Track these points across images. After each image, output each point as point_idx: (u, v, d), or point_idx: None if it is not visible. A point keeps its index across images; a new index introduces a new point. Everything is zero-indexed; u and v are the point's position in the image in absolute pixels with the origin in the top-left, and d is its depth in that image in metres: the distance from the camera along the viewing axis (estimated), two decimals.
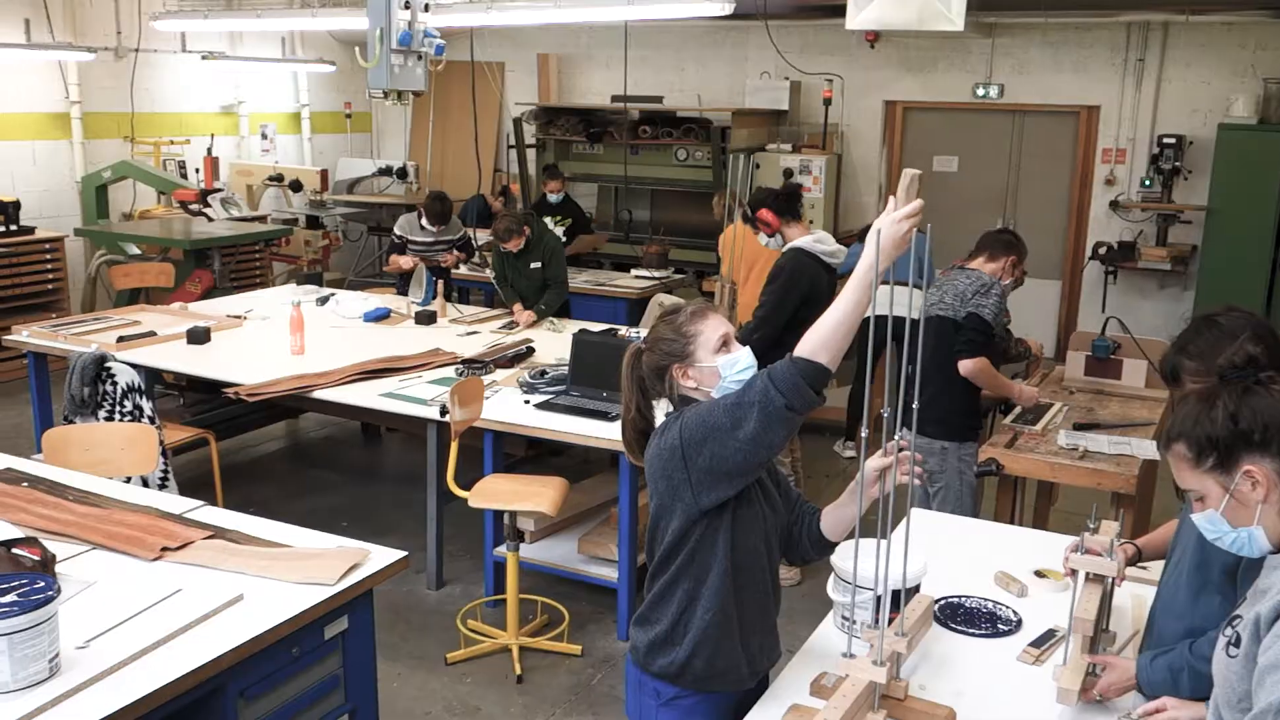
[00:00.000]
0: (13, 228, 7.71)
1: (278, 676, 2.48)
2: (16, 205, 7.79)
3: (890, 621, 2.21)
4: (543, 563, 4.46)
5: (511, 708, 3.84)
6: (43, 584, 2.17)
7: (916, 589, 2.45)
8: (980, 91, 8.92)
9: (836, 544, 2.42)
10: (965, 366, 4.01)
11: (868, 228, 6.54)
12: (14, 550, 2.54)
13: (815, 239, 4.75)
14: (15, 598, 2.10)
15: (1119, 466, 3.74)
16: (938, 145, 9.40)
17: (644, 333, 4.62)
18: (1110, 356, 4.73)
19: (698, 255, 8.69)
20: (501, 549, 4.21)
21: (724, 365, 2.27)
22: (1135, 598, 2.67)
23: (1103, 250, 8.40)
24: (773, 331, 4.51)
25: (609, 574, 4.32)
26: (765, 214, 4.77)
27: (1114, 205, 8.66)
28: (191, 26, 8.46)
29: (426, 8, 4.51)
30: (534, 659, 4.11)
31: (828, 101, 9.02)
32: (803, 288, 4.62)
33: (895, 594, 2.27)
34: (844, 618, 2.47)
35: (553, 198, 8.06)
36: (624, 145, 8.93)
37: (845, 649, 2.15)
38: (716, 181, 8.73)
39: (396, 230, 6.98)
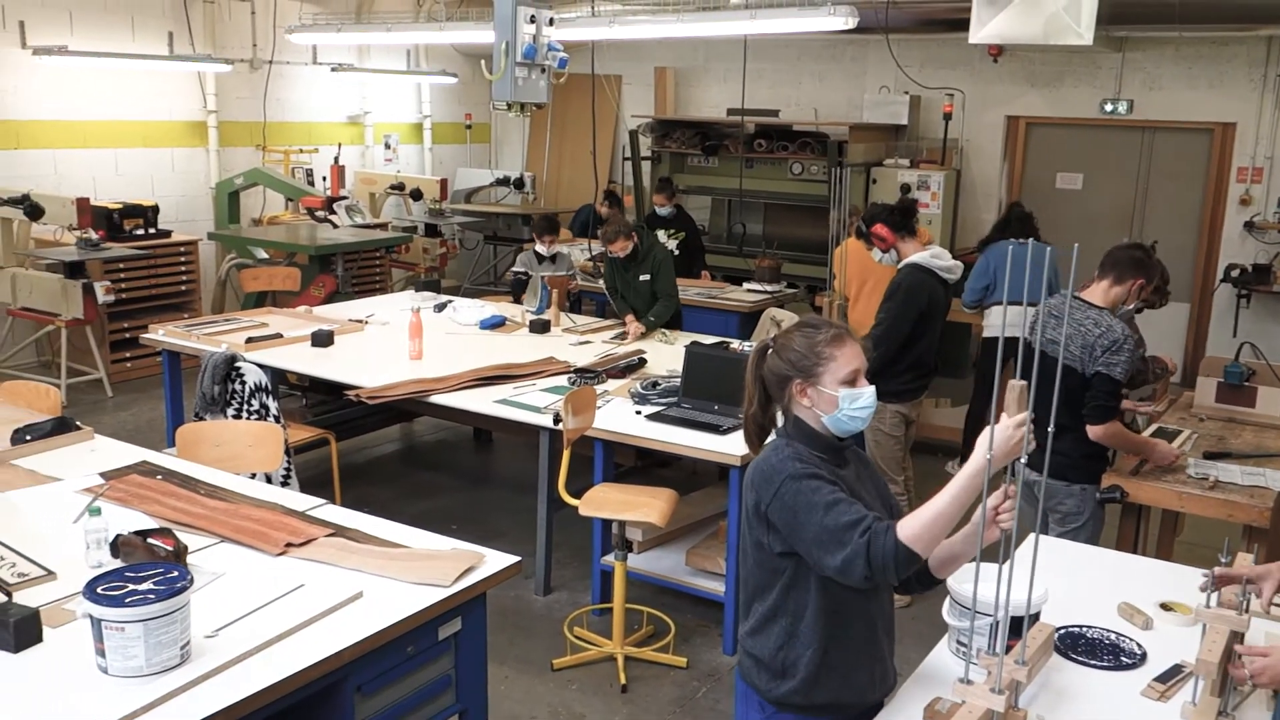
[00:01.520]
0: (151, 231, 8.07)
1: (393, 674, 2.54)
2: (155, 209, 8.15)
3: (1008, 649, 2.16)
4: (650, 573, 4.47)
5: (615, 717, 3.86)
6: (176, 574, 2.26)
7: (1037, 616, 2.38)
8: (1108, 107, 8.66)
9: (940, 581, 2.36)
10: (1094, 432, 3.69)
11: (984, 244, 6.41)
12: (149, 540, 2.66)
13: (932, 254, 4.68)
14: (152, 586, 2.19)
15: (1252, 498, 3.58)
16: (1062, 162, 9.16)
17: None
18: (1244, 384, 4.53)
19: (810, 270, 8.62)
20: (609, 558, 4.24)
21: (845, 398, 2.26)
22: (1270, 635, 2.55)
23: (1235, 272, 8.08)
24: (891, 348, 4.45)
25: (716, 587, 4.31)
26: (880, 229, 4.72)
27: (1249, 226, 8.31)
28: (324, 39, 8.76)
29: (551, 22, 4.58)
30: (639, 669, 4.13)
31: (948, 116, 8.87)
32: (920, 303, 4.55)
33: (1014, 621, 2.21)
34: (959, 643, 2.42)
35: (661, 211, 8.09)
36: (739, 159, 8.93)
37: (962, 675, 2.10)
38: (831, 196, 8.65)
39: (517, 267, 7.13)
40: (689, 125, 9.65)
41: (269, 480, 4.11)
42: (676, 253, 7.69)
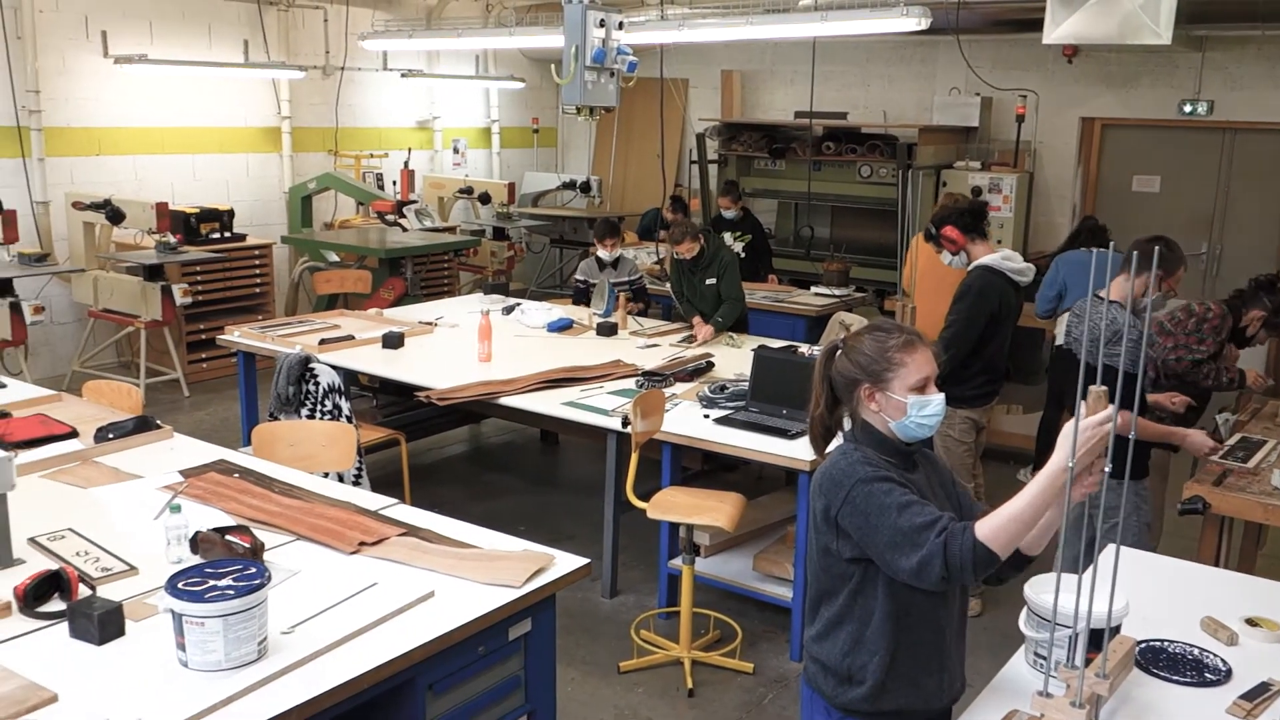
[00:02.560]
0: (227, 235, 8.24)
1: (464, 673, 2.56)
2: (231, 214, 8.33)
3: (1088, 662, 2.11)
4: (717, 578, 4.45)
5: None
6: (254, 570, 2.30)
7: (1117, 629, 2.33)
8: (1187, 108, 8.46)
9: (1031, 559, 2.28)
10: None
11: (1061, 249, 6.30)
12: (228, 537, 2.71)
13: (1003, 256, 4.60)
14: (231, 582, 2.23)
15: None
16: (1138, 164, 8.96)
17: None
18: None
19: (879, 274, 8.54)
20: (677, 561, 4.23)
21: (914, 405, 2.23)
22: None
23: None
24: (962, 351, 4.39)
25: (783, 593, 4.28)
26: (950, 231, 4.65)
27: None
28: (395, 45, 8.88)
29: (621, 25, 4.59)
30: (705, 673, 4.11)
31: (1020, 118, 8.73)
32: (990, 306, 4.48)
33: (1094, 633, 2.16)
34: (1037, 654, 2.37)
35: (727, 215, 8.06)
36: (806, 161, 8.88)
37: (1040, 688, 2.06)
38: (901, 199, 8.57)
39: (578, 275, 7.14)
40: (756, 128, 9.62)
41: (341, 479, 4.17)
42: (743, 256, 7.66)
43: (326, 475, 3.96)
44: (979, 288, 4.48)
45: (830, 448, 2.40)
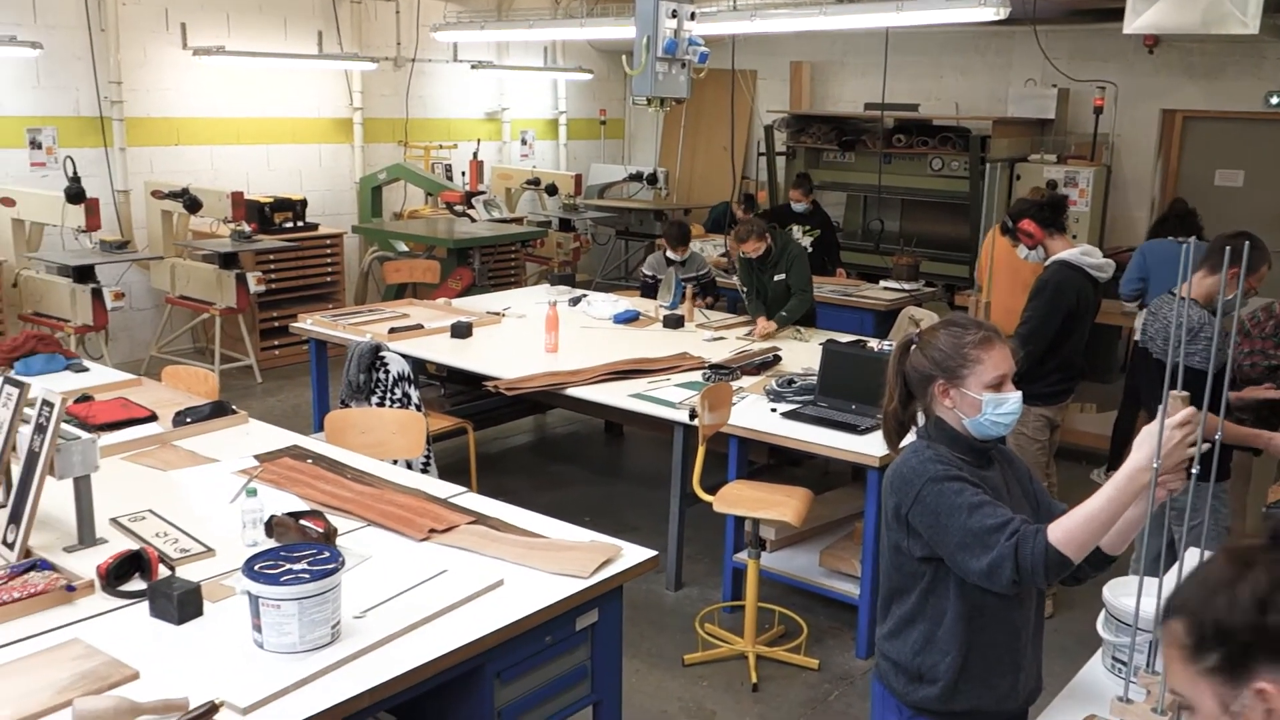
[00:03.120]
0: (299, 224, 8.37)
1: (531, 662, 2.57)
2: (303, 203, 8.45)
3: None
4: (782, 573, 4.43)
5: (746, 716, 3.83)
6: (329, 555, 2.32)
7: None
8: (1274, 100, 8.21)
9: (1112, 558, 2.21)
10: None
11: (1149, 235, 6.14)
12: (302, 522, 2.75)
13: (1081, 251, 4.50)
14: (306, 566, 2.26)
15: None
16: (1221, 158, 8.72)
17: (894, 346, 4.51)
18: None
19: (949, 268, 8.42)
20: (742, 555, 4.21)
21: (989, 402, 2.18)
22: None
23: None
24: (1038, 348, 4.30)
25: (850, 589, 4.24)
26: (1028, 225, 4.55)
27: None
28: (467, 37, 8.95)
29: (693, 16, 4.57)
30: (770, 668, 4.09)
31: (1098, 110, 8.54)
32: (1069, 302, 4.38)
33: None
34: (1115, 659, 2.32)
35: (797, 207, 8.00)
36: (877, 154, 8.77)
37: (1120, 693, 2.01)
38: (973, 192, 8.44)
39: (645, 270, 7.13)
40: (825, 120, 9.53)
41: (409, 467, 4.21)
42: (811, 249, 7.59)
43: (396, 462, 4.00)
44: (1056, 283, 4.38)
45: (904, 443, 2.37)
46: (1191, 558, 2.43)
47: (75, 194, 6.53)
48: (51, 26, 7.40)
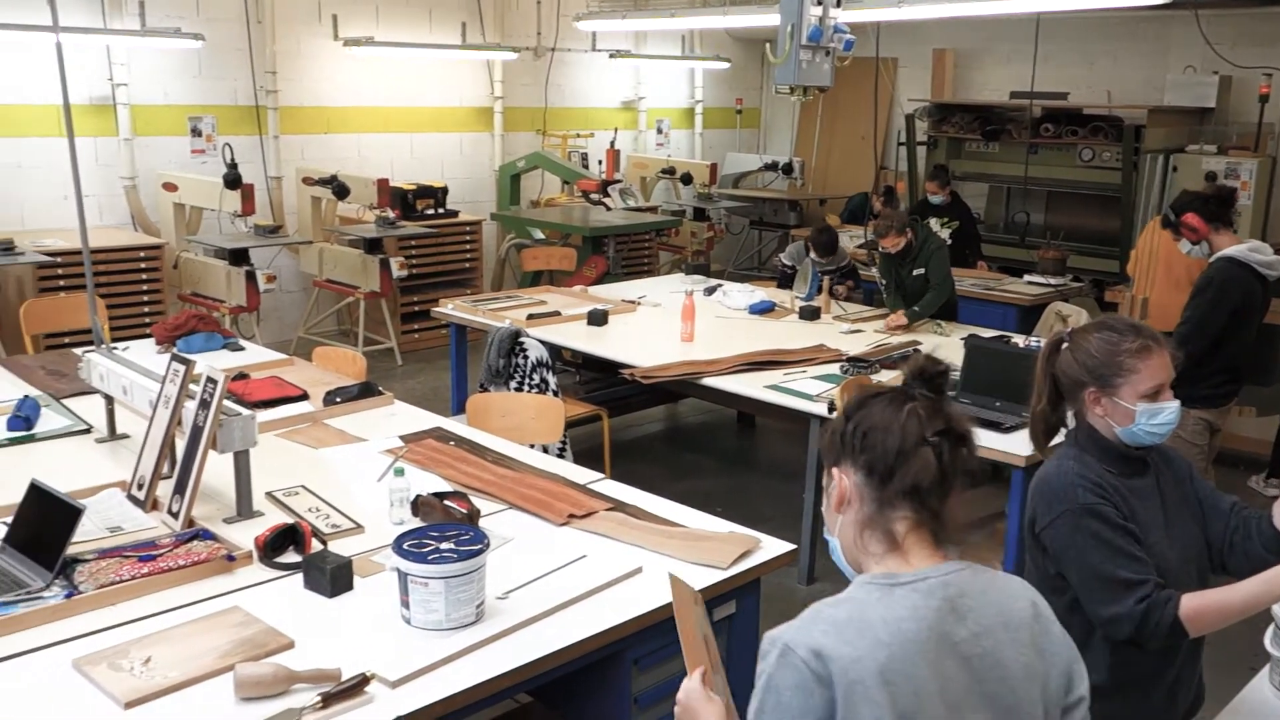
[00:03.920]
0: (440, 211, 8.56)
1: (669, 650, 2.56)
2: (445, 191, 8.64)
3: None
4: None
5: None
6: (474, 535, 2.37)
7: None
8: None
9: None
10: None
11: None
12: (446, 502, 2.81)
13: (1250, 247, 4.27)
14: (453, 545, 2.30)
15: None
16: None
17: (1042, 343, 4.37)
18: None
19: (1097, 263, 8.11)
20: None
21: (1144, 413, 2.08)
22: None
23: None
24: (1198, 349, 4.11)
25: None
26: (1192, 219, 4.34)
27: None
28: (609, 26, 9.01)
29: (839, 3, 4.49)
30: None
31: (1264, 98, 8.08)
32: (1234, 300, 4.17)
33: None
34: None
35: (934, 200, 7.81)
36: (1023, 144, 8.50)
37: None
38: (1125, 184, 8.10)
39: (784, 259, 7.05)
40: (968, 109, 9.28)
41: (545, 451, 4.26)
42: (950, 242, 7.41)
43: (533, 446, 4.06)
44: (1221, 281, 4.17)
45: (1053, 442, 2.28)
46: None
47: (232, 180, 6.81)
48: (213, 20, 7.73)
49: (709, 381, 4.75)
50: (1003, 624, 1.51)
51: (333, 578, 2.41)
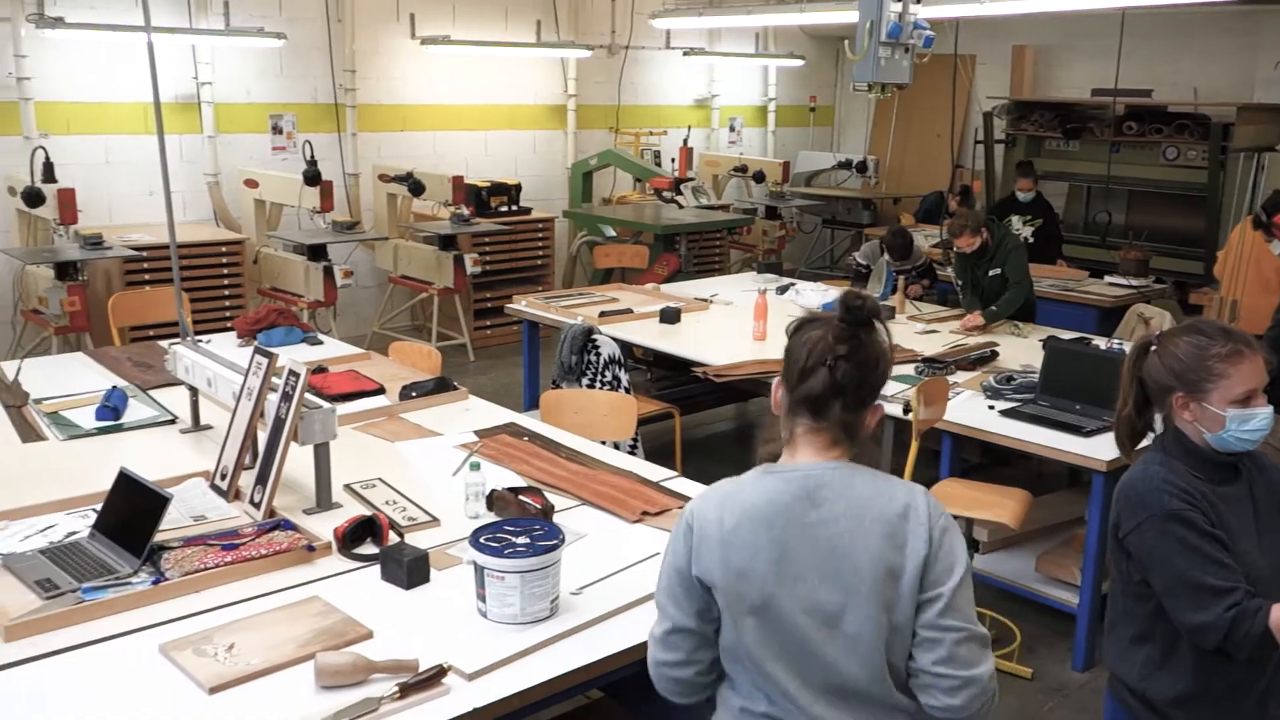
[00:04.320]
0: (513, 208, 8.62)
1: None
2: (518, 188, 8.70)
3: None
4: (996, 576, 4.26)
5: None
6: (549, 530, 2.38)
7: None
8: None
9: None
10: None
11: None
12: (521, 497, 2.83)
13: None
14: (528, 540, 2.31)
15: None
16: None
17: (1126, 346, 4.27)
18: None
19: (1182, 264, 7.91)
20: None
21: (1235, 418, 2.03)
22: None
23: None
24: None
25: (1068, 598, 4.04)
26: None
27: None
28: (684, 24, 9.00)
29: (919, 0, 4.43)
30: None
31: None
32: None
33: None
34: None
35: (1023, 196, 7.67)
36: (1105, 142, 8.32)
37: None
38: (1211, 184, 7.89)
39: (859, 258, 6.98)
40: (1048, 107, 9.11)
41: (616, 448, 4.27)
42: (1031, 240, 7.27)
43: (604, 443, 4.06)
44: None
45: (1140, 445, 2.23)
46: None
47: (312, 177, 6.93)
48: (294, 19, 7.87)
49: None
50: (856, 515, 1.74)
51: (409, 570, 2.43)
